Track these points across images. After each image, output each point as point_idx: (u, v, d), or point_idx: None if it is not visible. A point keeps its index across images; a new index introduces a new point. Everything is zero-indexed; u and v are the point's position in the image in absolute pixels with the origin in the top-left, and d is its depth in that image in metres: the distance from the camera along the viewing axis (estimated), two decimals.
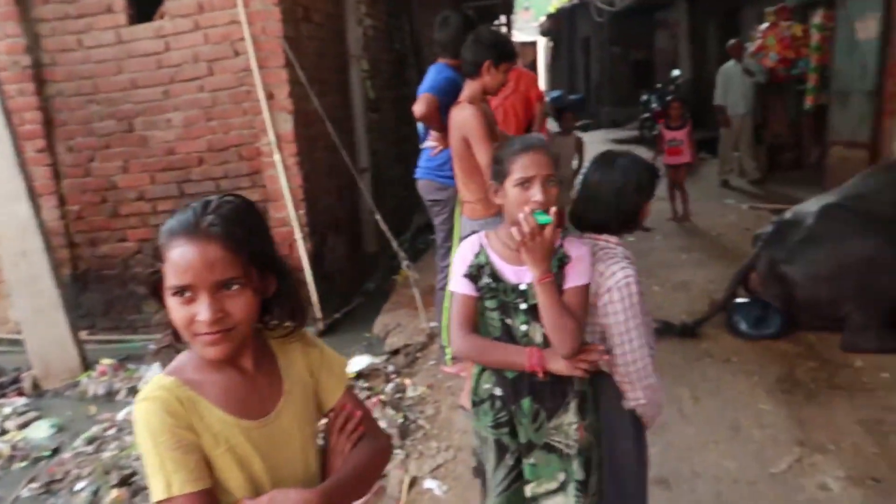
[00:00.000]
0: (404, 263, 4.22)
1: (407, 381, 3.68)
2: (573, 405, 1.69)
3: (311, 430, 1.23)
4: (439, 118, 3.35)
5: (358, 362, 3.82)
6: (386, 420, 3.20)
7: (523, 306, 1.65)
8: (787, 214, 4.20)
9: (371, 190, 5.33)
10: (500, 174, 1.65)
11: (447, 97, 3.39)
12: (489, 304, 1.68)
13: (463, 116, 3.00)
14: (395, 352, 4.04)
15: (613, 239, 1.80)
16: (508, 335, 1.68)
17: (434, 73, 3.57)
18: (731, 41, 8.71)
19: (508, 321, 1.68)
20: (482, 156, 2.90)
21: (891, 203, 3.83)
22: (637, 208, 1.78)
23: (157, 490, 1.03)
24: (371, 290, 5.41)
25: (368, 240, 5.63)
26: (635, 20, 16.84)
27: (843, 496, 2.54)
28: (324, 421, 1.28)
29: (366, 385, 3.66)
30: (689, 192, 7.06)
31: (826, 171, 7.92)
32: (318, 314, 4.33)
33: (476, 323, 1.72)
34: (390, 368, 3.84)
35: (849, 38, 7.41)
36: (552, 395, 1.68)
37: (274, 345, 1.22)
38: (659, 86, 14.41)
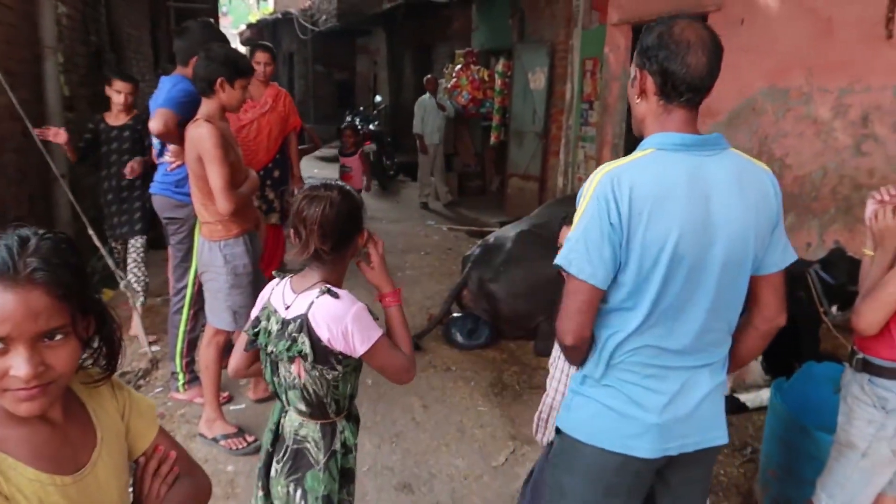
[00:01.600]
0: (122, 283, 3.81)
1: None
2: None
3: (126, 479, 1.15)
4: (178, 133, 3.14)
5: None
6: None
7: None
8: (490, 238, 4.82)
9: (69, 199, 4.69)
10: None
11: (185, 110, 3.21)
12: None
13: (198, 134, 2.82)
14: None
15: None
16: None
17: (169, 85, 3.33)
18: (427, 77, 9.63)
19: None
20: (214, 178, 2.78)
21: None
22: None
23: None
24: None
25: None
26: (338, 42, 17.46)
27: None
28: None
29: None
30: (395, 212, 7.60)
31: (506, 198, 9.22)
32: None
33: None
34: None
35: (524, 86, 8.75)
36: None
37: (80, 390, 1.11)
38: (362, 108, 15.12)
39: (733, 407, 3.67)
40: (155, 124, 3.15)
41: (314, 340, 1.58)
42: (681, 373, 1.55)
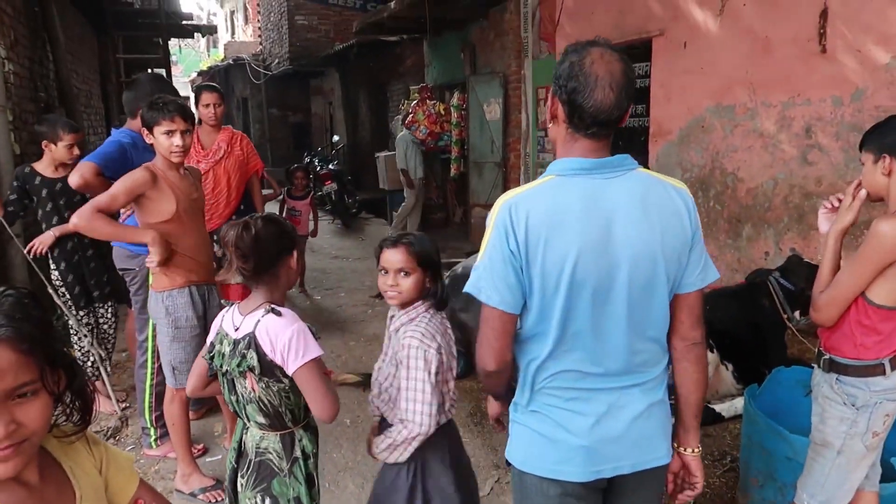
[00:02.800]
0: (86, 340, 3.71)
1: None
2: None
3: None
4: (103, 186, 3.02)
5: None
6: None
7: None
8: (458, 269, 4.84)
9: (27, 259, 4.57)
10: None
11: (114, 162, 3.19)
12: None
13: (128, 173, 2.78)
14: None
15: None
16: None
17: (108, 141, 3.35)
18: (407, 112, 9.63)
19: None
20: (98, 196, 2.75)
21: None
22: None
23: None
24: None
25: None
26: (292, 84, 17.54)
27: None
28: None
29: None
30: (360, 250, 7.56)
31: (470, 228, 9.29)
32: None
33: None
34: None
35: (480, 117, 8.90)
36: None
37: (55, 448, 1.08)
38: (320, 149, 15.16)
39: (709, 418, 3.73)
40: (73, 178, 3.09)
41: (260, 355, 1.73)
42: (606, 394, 1.55)
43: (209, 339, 1.93)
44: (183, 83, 25.12)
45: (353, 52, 12.41)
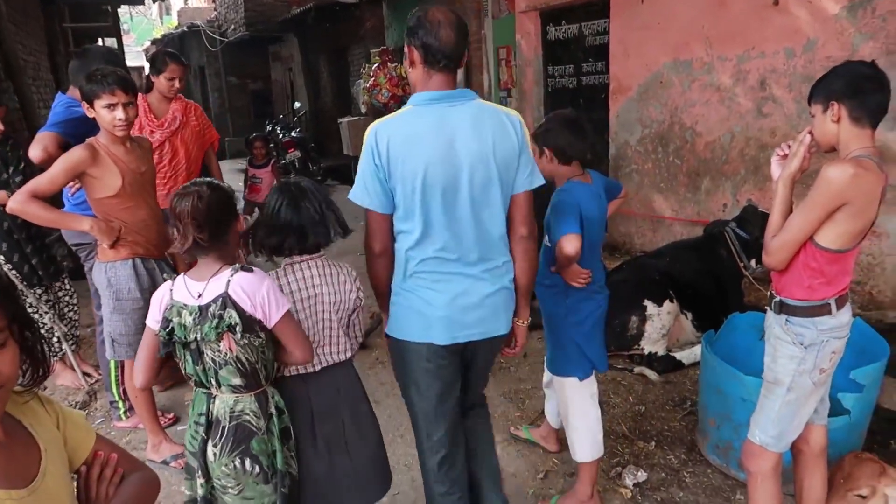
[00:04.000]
0: (46, 317, 3.66)
1: None
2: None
3: (72, 488, 1.16)
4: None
5: None
6: None
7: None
8: None
9: None
10: None
11: (73, 129, 3.11)
12: None
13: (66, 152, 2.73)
14: None
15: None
16: None
17: (58, 107, 3.25)
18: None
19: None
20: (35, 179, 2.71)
21: None
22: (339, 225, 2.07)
23: None
24: None
25: None
26: (250, 52, 17.11)
27: (503, 456, 3.10)
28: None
29: None
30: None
31: None
32: None
33: None
34: None
35: None
36: None
37: (13, 408, 1.11)
38: (281, 116, 14.90)
39: (670, 365, 3.86)
40: (34, 151, 3.00)
41: (239, 312, 1.75)
42: (462, 277, 2.02)
43: (151, 318, 1.87)
44: (136, 52, 24.33)
45: (311, 15, 12.15)
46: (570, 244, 2.30)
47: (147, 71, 4.01)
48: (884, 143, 3.98)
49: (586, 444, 2.62)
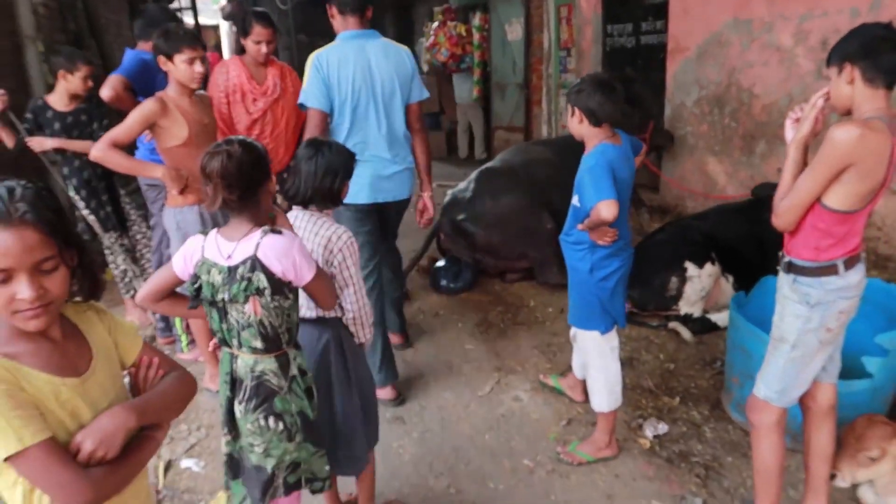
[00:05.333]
0: (119, 258, 4.02)
1: None
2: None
3: (121, 384, 1.39)
4: (131, 100, 3.33)
5: None
6: None
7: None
8: (460, 185, 5.00)
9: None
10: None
11: (139, 76, 3.41)
12: None
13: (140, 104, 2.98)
14: None
15: (318, 211, 2.13)
16: None
17: (128, 58, 3.55)
18: None
19: None
20: (114, 128, 2.98)
21: (524, 169, 4.80)
22: (336, 187, 2.12)
23: (8, 447, 1.10)
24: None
25: None
26: (319, 10, 17.13)
27: (530, 403, 3.28)
28: (126, 379, 1.43)
29: None
30: None
31: (493, 151, 9.34)
32: None
33: None
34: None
35: (501, 38, 8.81)
36: None
37: (72, 315, 1.33)
38: None
39: (706, 327, 3.90)
40: (105, 91, 3.31)
41: (268, 275, 1.72)
42: (380, 160, 3.12)
43: (177, 264, 1.86)
44: (212, 10, 24.91)
45: None
46: (608, 210, 2.37)
47: (220, 30, 4.18)
48: None
49: (604, 394, 2.75)
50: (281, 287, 1.76)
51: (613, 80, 2.56)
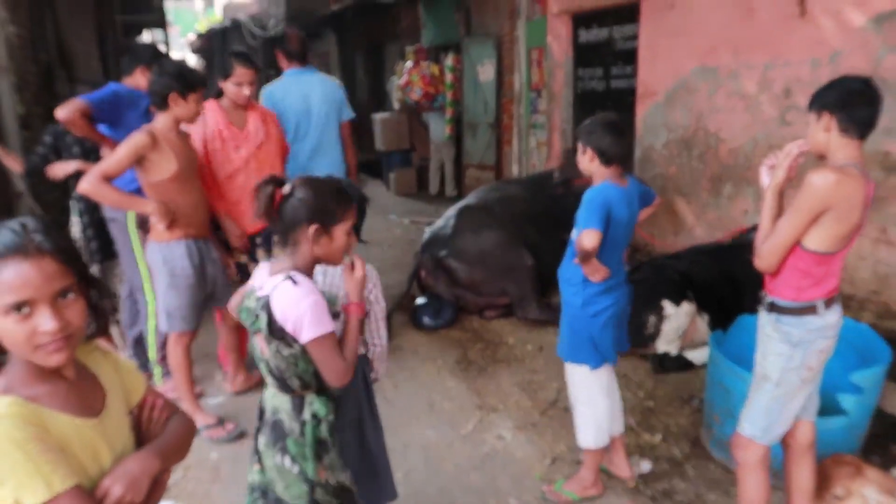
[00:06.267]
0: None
1: None
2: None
3: (129, 423, 1.36)
4: (87, 127, 3.24)
5: None
6: None
7: None
8: (438, 222, 5.05)
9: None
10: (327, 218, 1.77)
11: (108, 108, 3.33)
12: None
13: (129, 137, 2.96)
14: None
15: None
16: None
17: (105, 88, 3.47)
18: None
19: None
20: (103, 161, 2.95)
21: (500, 206, 4.94)
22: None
23: (36, 495, 1.06)
24: None
25: None
26: None
27: (513, 442, 3.27)
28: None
29: None
30: None
31: (464, 189, 9.44)
32: None
33: None
34: None
35: (474, 79, 8.98)
36: None
37: (80, 354, 1.30)
38: None
39: (681, 365, 3.97)
40: (60, 111, 3.17)
41: (270, 319, 1.71)
42: (318, 163, 4.07)
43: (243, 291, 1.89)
44: (180, 44, 24.92)
45: (350, 13, 12.38)
46: (589, 239, 2.43)
47: (194, 63, 4.23)
48: None
49: (591, 430, 2.74)
50: (281, 335, 1.73)
51: (621, 123, 2.63)
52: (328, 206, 1.77)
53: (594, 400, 2.74)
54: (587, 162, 2.61)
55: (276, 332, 1.72)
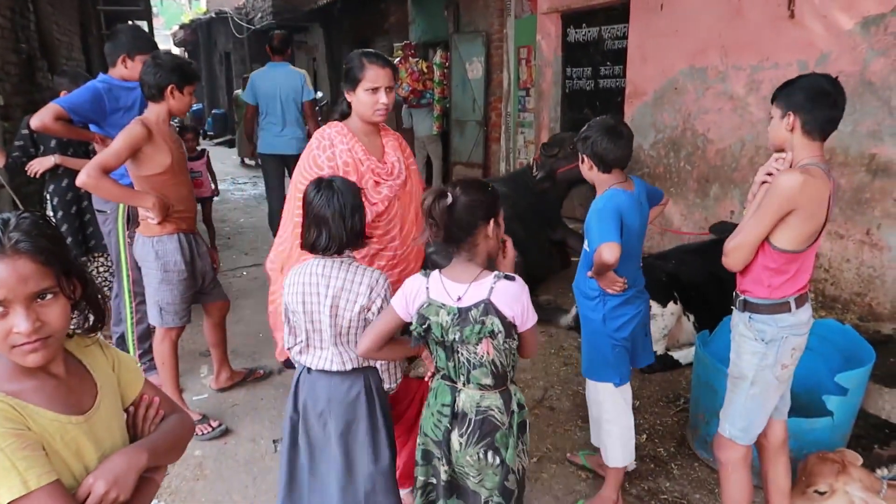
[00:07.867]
0: None
1: None
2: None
3: (123, 421, 1.33)
4: (66, 129, 3.25)
5: None
6: None
7: None
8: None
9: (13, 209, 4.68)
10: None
11: (84, 105, 3.27)
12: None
13: (125, 129, 2.90)
14: None
15: (349, 256, 2.08)
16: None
17: (85, 86, 3.39)
18: None
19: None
20: (99, 154, 2.90)
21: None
22: (362, 223, 2.05)
23: (11, 491, 1.03)
24: None
25: None
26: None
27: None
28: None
29: None
30: None
31: None
32: None
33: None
34: None
35: (462, 76, 8.96)
36: None
37: (76, 350, 1.28)
38: None
39: (667, 364, 3.98)
40: (34, 120, 3.17)
41: (502, 318, 1.78)
42: (279, 132, 5.74)
43: (399, 306, 1.88)
44: (164, 36, 24.64)
45: (337, 6, 12.30)
46: (610, 252, 2.33)
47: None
48: (889, 159, 4.07)
49: (618, 448, 2.63)
50: (511, 330, 1.82)
51: (621, 125, 2.53)
52: (491, 202, 1.86)
53: (620, 417, 2.64)
54: (587, 170, 2.54)
55: (507, 329, 1.80)
